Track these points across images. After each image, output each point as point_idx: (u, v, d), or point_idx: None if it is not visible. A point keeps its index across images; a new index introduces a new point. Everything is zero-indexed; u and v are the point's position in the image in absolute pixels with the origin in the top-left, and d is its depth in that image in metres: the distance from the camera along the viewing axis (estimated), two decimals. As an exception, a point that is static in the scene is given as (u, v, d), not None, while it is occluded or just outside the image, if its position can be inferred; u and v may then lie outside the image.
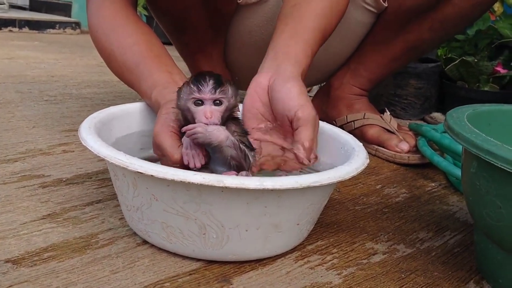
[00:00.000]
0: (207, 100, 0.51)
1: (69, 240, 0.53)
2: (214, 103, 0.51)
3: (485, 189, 0.48)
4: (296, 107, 0.55)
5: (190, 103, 0.52)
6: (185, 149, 0.52)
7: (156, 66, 0.65)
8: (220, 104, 0.52)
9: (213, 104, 0.51)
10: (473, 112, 0.58)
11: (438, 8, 0.88)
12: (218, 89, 0.51)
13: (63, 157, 0.76)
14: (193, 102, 0.51)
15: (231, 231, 0.47)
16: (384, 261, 0.56)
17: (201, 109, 0.51)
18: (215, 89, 0.51)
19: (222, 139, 0.50)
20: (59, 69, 1.52)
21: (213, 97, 0.51)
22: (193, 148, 0.52)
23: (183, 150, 0.52)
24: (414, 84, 1.30)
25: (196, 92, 0.51)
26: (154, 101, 0.61)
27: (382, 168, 0.88)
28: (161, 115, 0.55)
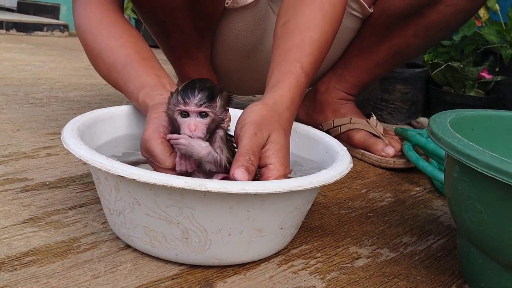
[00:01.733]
0: (192, 112, 0.51)
1: (50, 244, 0.52)
2: (200, 115, 0.51)
3: (466, 193, 0.48)
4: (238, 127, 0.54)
5: (176, 114, 0.52)
6: (178, 158, 0.52)
7: (143, 69, 0.65)
8: (206, 116, 0.51)
9: (199, 116, 0.51)
10: (456, 117, 0.59)
11: (422, 14, 0.89)
12: (204, 103, 0.51)
13: (47, 160, 0.76)
14: (179, 113, 0.52)
15: (214, 235, 0.47)
16: (368, 265, 0.56)
17: (186, 121, 0.51)
18: (200, 103, 0.51)
19: (204, 154, 0.51)
20: (46, 72, 1.51)
21: (198, 110, 0.51)
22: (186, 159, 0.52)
23: (177, 159, 0.52)
24: (401, 89, 1.31)
25: (182, 105, 0.51)
26: (142, 102, 0.60)
27: (368, 173, 0.89)
28: (151, 119, 0.55)
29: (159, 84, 0.62)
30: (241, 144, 0.51)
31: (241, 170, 0.48)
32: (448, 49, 1.46)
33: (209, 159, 0.51)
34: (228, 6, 0.87)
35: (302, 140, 0.67)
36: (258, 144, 0.52)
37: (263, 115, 0.54)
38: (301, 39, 0.65)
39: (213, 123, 0.52)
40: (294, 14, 0.68)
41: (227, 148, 0.53)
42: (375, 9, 0.92)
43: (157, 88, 0.61)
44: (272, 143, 0.53)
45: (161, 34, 0.93)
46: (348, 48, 1.00)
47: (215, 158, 0.51)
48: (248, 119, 0.53)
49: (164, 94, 0.59)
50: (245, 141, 0.51)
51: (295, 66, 0.62)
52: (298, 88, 0.61)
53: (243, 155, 0.50)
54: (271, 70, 0.64)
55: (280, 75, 0.61)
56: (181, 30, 0.88)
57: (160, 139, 0.52)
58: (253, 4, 0.88)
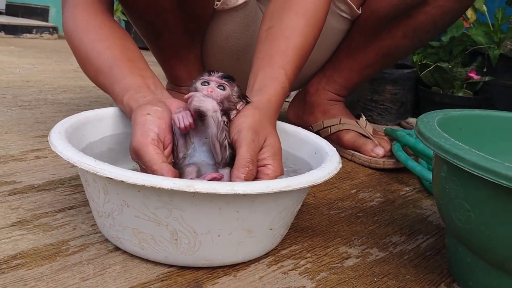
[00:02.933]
0: (212, 81, 0.56)
1: (39, 247, 0.52)
2: (218, 87, 0.56)
3: (454, 192, 0.48)
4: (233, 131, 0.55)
5: (198, 83, 0.57)
6: (176, 113, 0.55)
7: (129, 70, 0.64)
8: (224, 89, 0.56)
9: (217, 88, 0.56)
10: (444, 117, 0.59)
11: (410, 15, 0.89)
12: (225, 78, 0.57)
13: (35, 163, 0.75)
14: (201, 82, 0.57)
15: (203, 236, 0.47)
16: (357, 265, 0.56)
17: (206, 86, 0.56)
18: (222, 77, 0.57)
19: (209, 108, 0.54)
20: (35, 74, 1.50)
21: (218, 81, 0.56)
22: (183, 111, 0.55)
23: (174, 115, 0.55)
24: (390, 89, 1.32)
25: (206, 75, 0.57)
26: (126, 105, 0.60)
27: (357, 173, 0.89)
28: (137, 124, 0.53)
29: (144, 86, 0.62)
30: (240, 151, 0.53)
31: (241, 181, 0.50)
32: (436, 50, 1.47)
33: (213, 116, 0.54)
34: (217, 7, 0.87)
35: (292, 141, 0.67)
36: (256, 150, 0.54)
37: (258, 120, 0.56)
38: (286, 45, 0.67)
39: (227, 101, 0.56)
40: (279, 20, 0.70)
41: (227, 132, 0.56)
42: (363, 10, 0.93)
43: (141, 90, 0.61)
44: (269, 146, 0.55)
45: (150, 36, 0.93)
46: (337, 49, 1.01)
47: (219, 119, 0.54)
48: (244, 124, 0.55)
49: (148, 96, 0.59)
50: (244, 149, 0.53)
51: (280, 73, 0.64)
52: (282, 94, 0.64)
53: (243, 166, 0.51)
54: (255, 72, 0.66)
55: (267, 80, 0.64)
56: (170, 31, 0.88)
57: (150, 145, 0.51)
58: (243, 5, 0.88)
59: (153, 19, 0.85)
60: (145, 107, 0.55)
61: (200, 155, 0.55)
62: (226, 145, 0.54)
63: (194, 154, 0.55)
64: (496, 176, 0.40)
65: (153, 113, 0.54)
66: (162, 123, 0.54)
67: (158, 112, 0.54)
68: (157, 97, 0.60)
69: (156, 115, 0.54)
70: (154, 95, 0.60)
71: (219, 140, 0.54)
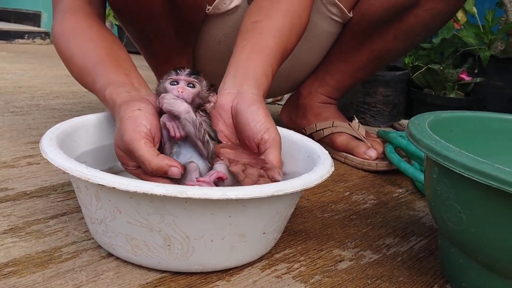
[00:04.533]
0: (181, 80, 0.56)
1: (31, 254, 0.52)
2: (187, 85, 0.56)
3: (445, 194, 0.49)
4: (263, 130, 0.56)
5: (167, 83, 0.56)
6: (168, 122, 0.54)
7: (113, 68, 0.64)
8: (193, 87, 0.56)
9: (187, 86, 0.56)
10: (435, 119, 0.60)
11: (401, 18, 0.90)
12: (193, 74, 0.56)
13: (27, 169, 0.75)
14: (170, 82, 0.56)
15: (196, 242, 0.47)
16: (351, 268, 0.56)
17: (175, 86, 0.56)
18: (190, 74, 0.56)
19: (181, 110, 0.53)
20: (27, 80, 1.49)
21: (187, 79, 0.56)
22: (173, 120, 0.55)
23: (167, 123, 0.54)
24: (383, 91, 1.33)
25: (174, 75, 0.56)
26: (108, 98, 0.59)
27: (351, 175, 0.89)
28: (127, 118, 0.53)
29: (127, 82, 0.62)
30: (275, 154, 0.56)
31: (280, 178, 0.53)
32: (428, 51, 1.48)
33: (187, 117, 0.53)
34: (209, 12, 0.87)
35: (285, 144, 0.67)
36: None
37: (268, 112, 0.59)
38: (274, 43, 0.69)
39: (198, 98, 0.56)
40: (267, 17, 0.72)
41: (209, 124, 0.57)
42: (354, 13, 0.93)
43: (125, 85, 0.61)
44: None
45: (142, 41, 0.93)
46: (329, 52, 1.01)
47: (194, 119, 0.54)
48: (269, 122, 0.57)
49: (132, 92, 0.59)
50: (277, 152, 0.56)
51: (269, 71, 0.67)
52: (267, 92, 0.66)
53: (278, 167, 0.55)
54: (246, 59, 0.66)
55: (259, 75, 0.65)
56: (162, 36, 0.88)
57: (143, 139, 0.51)
58: (234, 10, 0.89)
59: (145, 24, 0.85)
60: (133, 103, 0.55)
61: (186, 153, 0.55)
62: (208, 140, 0.55)
63: (180, 152, 0.55)
64: (486, 178, 0.41)
65: (144, 109, 0.54)
66: (153, 119, 0.54)
67: (149, 109, 0.54)
68: (141, 94, 0.59)
69: (147, 112, 0.54)
70: (138, 92, 0.60)
71: (199, 137, 0.54)
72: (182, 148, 0.55)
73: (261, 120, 0.57)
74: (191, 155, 0.55)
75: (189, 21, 0.88)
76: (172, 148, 0.55)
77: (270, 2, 0.74)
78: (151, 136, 0.53)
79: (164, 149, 0.55)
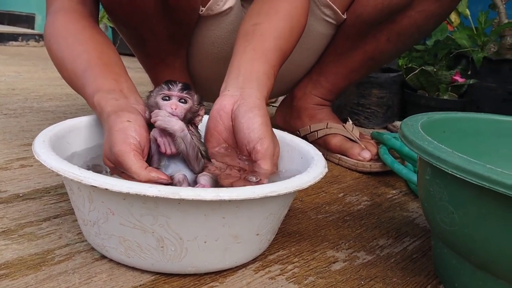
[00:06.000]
0: (174, 96, 0.56)
1: (24, 257, 0.51)
2: (179, 101, 0.56)
3: (438, 195, 0.49)
4: (256, 140, 0.56)
5: (159, 98, 0.56)
6: (160, 138, 0.55)
7: (102, 73, 0.64)
8: (185, 103, 0.56)
9: (179, 101, 0.56)
10: (428, 120, 0.60)
11: (394, 20, 0.90)
12: (185, 90, 0.56)
13: (20, 172, 0.75)
14: (162, 97, 0.56)
15: (189, 243, 0.47)
16: (344, 269, 0.56)
17: (168, 102, 0.56)
18: (182, 89, 0.56)
19: (176, 128, 0.54)
20: (20, 82, 1.48)
21: (179, 95, 0.56)
22: (165, 137, 0.55)
23: (158, 139, 0.54)
24: (377, 93, 1.33)
25: (166, 90, 0.56)
26: (97, 105, 0.59)
27: (345, 177, 0.89)
28: (117, 130, 0.53)
29: (116, 89, 0.61)
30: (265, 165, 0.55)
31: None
32: (421, 53, 1.49)
33: (181, 135, 0.54)
34: (203, 13, 0.87)
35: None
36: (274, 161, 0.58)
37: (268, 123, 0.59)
38: (275, 45, 0.69)
39: (190, 112, 0.57)
40: (267, 20, 0.72)
41: (199, 139, 0.57)
42: (348, 15, 0.94)
43: (113, 92, 0.60)
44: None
45: (135, 42, 0.92)
46: (323, 54, 1.01)
47: (187, 136, 0.54)
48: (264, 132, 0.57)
49: (120, 99, 0.59)
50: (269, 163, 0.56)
51: (271, 73, 0.67)
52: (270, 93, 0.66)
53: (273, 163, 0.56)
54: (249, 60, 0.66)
55: (262, 76, 0.65)
56: (156, 38, 0.88)
57: (132, 152, 0.51)
58: (228, 11, 0.89)
59: (138, 25, 0.85)
60: (123, 113, 0.55)
61: (175, 166, 0.55)
62: (200, 157, 0.55)
63: (169, 165, 0.55)
64: (478, 178, 0.41)
65: (133, 121, 0.54)
66: (143, 131, 0.54)
67: (138, 120, 0.54)
68: (129, 102, 0.59)
69: (137, 123, 0.54)
70: (127, 99, 0.59)
71: (192, 155, 0.54)
72: (171, 161, 0.55)
73: (256, 128, 0.57)
74: (179, 168, 0.55)
75: (183, 23, 0.88)
76: (161, 161, 0.55)
77: (269, 5, 0.74)
78: (140, 148, 0.53)
79: (152, 161, 0.55)
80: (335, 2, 0.91)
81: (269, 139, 0.57)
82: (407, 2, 0.88)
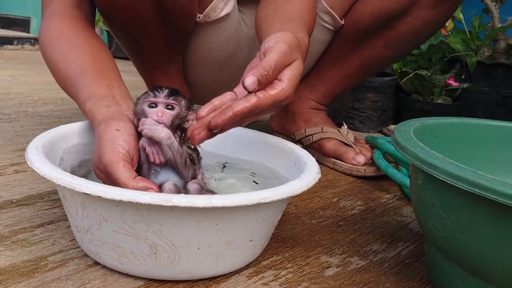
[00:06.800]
0: (160, 103, 0.55)
1: (17, 263, 0.51)
2: (166, 107, 0.56)
3: (430, 200, 0.49)
4: (273, 41, 0.55)
5: (145, 105, 0.56)
6: (148, 147, 0.55)
7: (95, 79, 0.64)
8: (172, 109, 0.56)
9: (166, 108, 0.56)
10: (420, 125, 0.60)
11: (392, 26, 0.91)
12: (171, 96, 0.56)
13: (14, 177, 0.74)
14: (148, 105, 0.56)
15: (182, 249, 0.47)
16: (338, 274, 0.56)
17: (154, 109, 0.55)
18: (168, 95, 0.55)
19: (163, 137, 0.54)
20: (15, 87, 1.48)
21: (166, 102, 0.55)
22: (153, 145, 0.55)
23: (147, 148, 0.54)
24: (371, 97, 1.33)
25: (152, 97, 0.56)
26: (88, 112, 0.59)
27: (339, 181, 0.90)
28: (106, 140, 0.52)
29: (108, 96, 0.61)
30: (269, 56, 0.52)
31: (253, 79, 0.50)
32: (416, 57, 1.49)
33: (168, 143, 0.54)
34: (200, 20, 0.87)
35: (273, 151, 0.68)
36: (284, 63, 0.53)
37: (295, 41, 0.56)
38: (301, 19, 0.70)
39: (177, 119, 0.56)
40: (285, 3, 0.73)
41: (189, 146, 0.57)
42: (346, 21, 0.94)
43: (105, 99, 0.60)
44: (295, 66, 0.55)
45: (131, 47, 0.92)
46: (320, 59, 1.02)
47: (174, 144, 0.54)
48: (282, 38, 0.54)
49: (112, 107, 0.59)
50: (273, 55, 0.52)
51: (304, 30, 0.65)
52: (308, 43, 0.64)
53: (264, 68, 0.51)
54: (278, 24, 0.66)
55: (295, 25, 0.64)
56: (152, 43, 0.88)
57: (121, 162, 0.51)
58: (225, 17, 0.89)
59: (134, 31, 0.85)
60: (112, 122, 0.54)
61: (165, 174, 0.55)
62: (189, 163, 0.55)
63: (159, 173, 0.55)
64: (469, 184, 0.41)
65: (122, 130, 0.53)
66: (132, 140, 0.54)
67: (128, 128, 0.54)
68: (120, 109, 0.59)
69: (126, 132, 0.54)
70: (118, 106, 0.59)
71: (180, 163, 0.54)
72: (161, 169, 0.55)
73: (275, 35, 0.55)
74: (169, 176, 0.55)
75: (180, 29, 0.88)
76: (151, 169, 0.55)
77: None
78: (129, 157, 0.53)
79: (142, 169, 0.55)
80: (334, 8, 0.92)
81: (285, 41, 0.54)
82: (404, 8, 0.89)
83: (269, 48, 0.54)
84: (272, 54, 0.52)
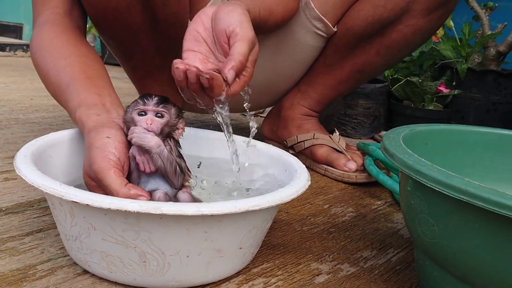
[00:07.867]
0: (149, 111, 0.55)
1: (4, 272, 0.51)
2: (156, 115, 0.55)
3: (419, 207, 0.49)
4: (235, 23, 0.58)
5: (134, 113, 0.55)
6: (138, 156, 0.54)
7: (85, 87, 0.63)
8: (162, 117, 0.55)
9: (155, 116, 0.55)
10: (410, 132, 0.60)
11: (384, 33, 0.92)
12: (161, 104, 0.56)
13: (4, 185, 0.74)
14: (137, 113, 0.56)
15: (172, 258, 0.47)
16: (328, 281, 0.56)
17: (143, 117, 0.55)
18: (158, 103, 0.55)
19: (152, 145, 0.54)
20: (7, 93, 1.48)
21: (155, 109, 0.55)
22: (143, 154, 0.55)
23: (137, 157, 0.54)
24: (363, 104, 1.34)
25: (141, 105, 0.56)
26: (78, 120, 0.59)
27: (330, 188, 0.90)
28: (96, 147, 0.53)
29: (98, 103, 0.61)
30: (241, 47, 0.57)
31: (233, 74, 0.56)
32: (407, 64, 1.50)
33: (158, 151, 0.54)
34: (189, 27, 0.87)
35: (263, 158, 0.68)
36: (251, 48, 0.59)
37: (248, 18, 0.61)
38: None
39: (167, 127, 0.56)
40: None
41: (178, 154, 0.56)
42: (339, 28, 0.95)
43: (95, 107, 0.60)
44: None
45: (123, 55, 0.92)
46: (313, 65, 1.02)
47: (163, 152, 0.54)
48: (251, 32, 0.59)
49: (102, 114, 0.58)
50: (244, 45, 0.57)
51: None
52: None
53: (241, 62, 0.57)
54: None
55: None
56: (142, 52, 0.88)
57: (112, 169, 0.51)
58: (215, 25, 0.89)
59: (125, 39, 0.85)
60: (102, 129, 0.54)
61: (155, 182, 0.55)
62: (179, 172, 0.55)
63: (148, 181, 0.55)
64: (457, 192, 0.41)
65: (113, 137, 0.54)
66: (123, 147, 0.54)
67: (118, 136, 0.54)
68: (111, 117, 0.59)
69: (116, 139, 0.54)
70: (109, 114, 0.59)
71: (170, 171, 0.54)
72: (151, 177, 0.55)
73: (236, 16, 0.59)
74: (159, 185, 0.55)
75: (171, 37, 0.88)
76: (141, 178, 0.55)
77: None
78: (120, 165, 0.53)
79: (131, 177, 0.55)
80: (326, 15, 0.92)
81: (250, 27, 0.59)
82: (397, 16, 0.89)
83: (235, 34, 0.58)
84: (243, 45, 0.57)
